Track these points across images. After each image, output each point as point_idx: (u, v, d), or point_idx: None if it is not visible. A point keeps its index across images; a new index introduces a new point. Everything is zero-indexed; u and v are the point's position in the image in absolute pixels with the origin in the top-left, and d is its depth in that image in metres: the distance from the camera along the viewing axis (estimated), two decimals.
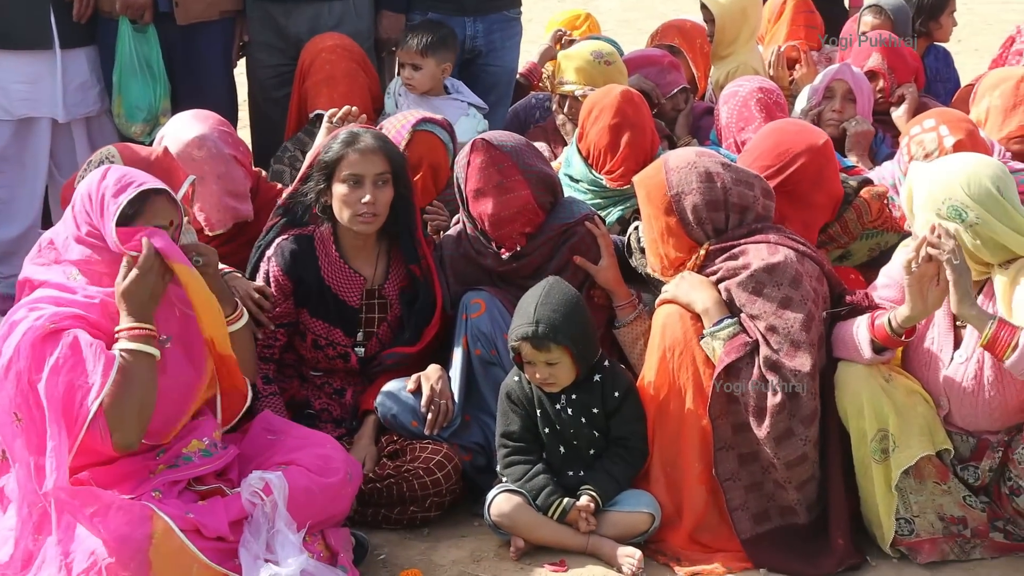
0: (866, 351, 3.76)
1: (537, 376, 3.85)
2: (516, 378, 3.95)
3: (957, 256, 3.55)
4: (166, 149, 4.23)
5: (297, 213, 4.30)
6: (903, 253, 3.78)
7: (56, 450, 3.37)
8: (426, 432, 4.11)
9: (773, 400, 3.72)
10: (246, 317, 3.86)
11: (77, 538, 3.38)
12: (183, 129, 4.53)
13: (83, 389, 3.40)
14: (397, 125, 4.74)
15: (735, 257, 3.89)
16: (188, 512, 3.48)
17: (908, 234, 4.36)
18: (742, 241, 3.91)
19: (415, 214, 4.31)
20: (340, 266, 4.26)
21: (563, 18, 6.80)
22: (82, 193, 3.62)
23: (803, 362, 3.72)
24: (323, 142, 4.33)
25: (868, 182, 4.61)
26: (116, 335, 3.48)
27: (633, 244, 4.43)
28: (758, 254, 3.85)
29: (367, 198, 4.10)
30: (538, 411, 3.92)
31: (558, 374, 3.85)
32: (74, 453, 3.40)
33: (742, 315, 3.83)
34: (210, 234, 4.56)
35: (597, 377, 3.91)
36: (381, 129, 4.71)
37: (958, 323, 3.76)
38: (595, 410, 3.90)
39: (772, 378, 3.73)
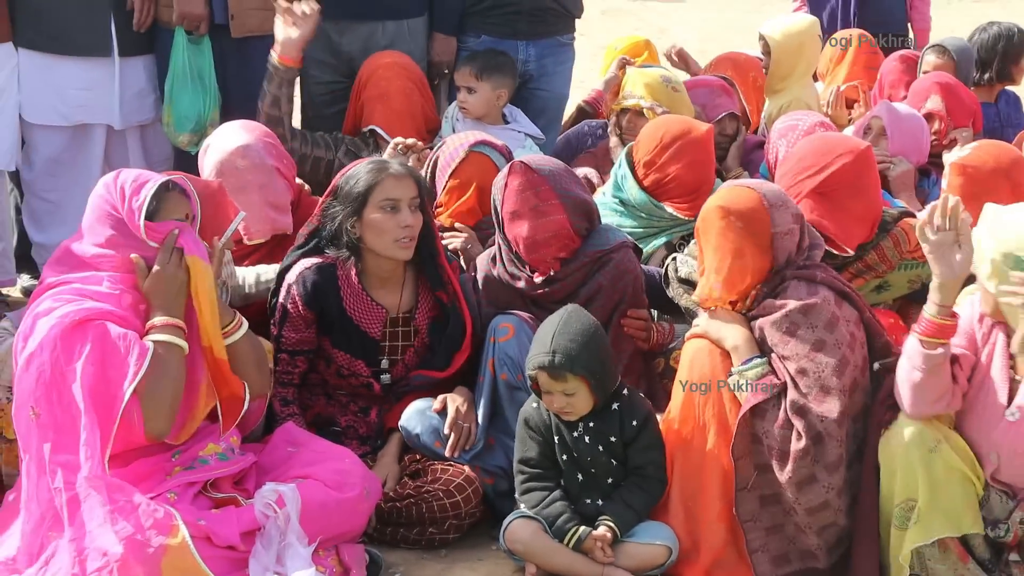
0: (918, 357, 3.58)
1: (555, 405, 3.84)
2: (535, 405, 3.95)
3: None
4: (221, 184, 4.28)
5: (323, 239, 4.27)
6: (967, 303, 3.70)
7: (89, 441, 3.44)
8: (447, 454, 4.11)
9: (797, 445, 3.68)
10: (245, 327, 3.87)
11: (90, 535, 3.41)
12: (228, 138, 4.60)
13: (116, 378, 3.47)
14: (456, 143, 4.79)
15: (774, 296, 3.85)
16: (200, 519, 3.51)
17: None
18: (786, 281, 3.86)
19: (438, 240, 4.31)
20: (362, 298, 4.25)
21: (624, 44, 6.80)
22: (100, 194, 3.70)
23: (831, 408, 3.67)
24: (344, 172, 4.30)
25: (910, 214, 4.54)
26: (148, 329, 3.57)
27: (671, 275, 4.41)
28: (796, 293, 3.81)
29: (408, 221, 4.11)
30: (556, 438, 3.91)
31: (575, 403, 3.84)
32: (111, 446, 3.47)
33: (772, 355, 3.78)
34: (249, 243, 4.61)
35: (615, 406, 3.89)
36: (442, 145, 4.83)
37: (1015, 376, 3.64)
38: (612, 439, 3.89)
39: (798, 423, 3.68)
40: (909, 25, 7.45)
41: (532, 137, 5.56)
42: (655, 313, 4.58)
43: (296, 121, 6.01)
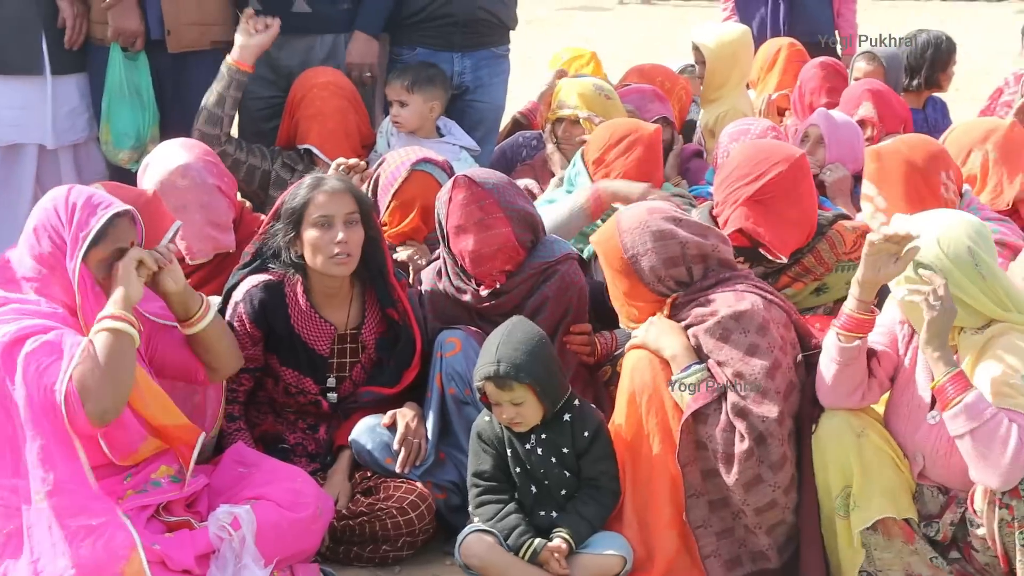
0: (834, 349, 3.71)
1: (504, 416, 3.86)
2: (487, 418, 3.96)
3: (937, 297, 3.51)
4: (156, 193, 4.24)
5: (266, 257, 4.26)
6: (892, 305, 3.79)
7: (43, 449, 3.41)
8: (398, 470, 4.11)
9: (741, 447, 3.73)
10: (214, 310, 3.86)
11: (44, 558, 3.38)
12: (168, 157, 4.56)
13: (54, 373, 3.41)
14: (397, 161, 4.78)
15: (703, 304, 3.89)
16: (155, 544, 3.48)
17: None
18: (709, 292, 3.92)
19: (386, 256, 4.29)
20: (310, 315, 4.23)
21: (568, 56, 6.84)
22: (47, 210, 3.63)
23: (770, 409, 3.73)
24: (288, 191, 4.29)
25: (845, 216, 4.65)
26: (97, 321, 3.50)
27: None
28: (725, 301, 3.86)
29: (340, 236, 4.08)
30: (508, 451, 3.92)
31: (524, 413, 3.86)
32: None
33: (710, 361, 3.83)
34: (191, 263, 4.56)
35: (567, 417, 3.91)
36: (383, 163, 4.80)
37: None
38: (565, 450, 3.91)
39: (740, 424, 3.74)
40: (836, 31, 7.57)
41: (467, 149, 5.57)
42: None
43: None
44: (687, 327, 3.90)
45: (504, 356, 3.80)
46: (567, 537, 3.83)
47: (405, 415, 4.18)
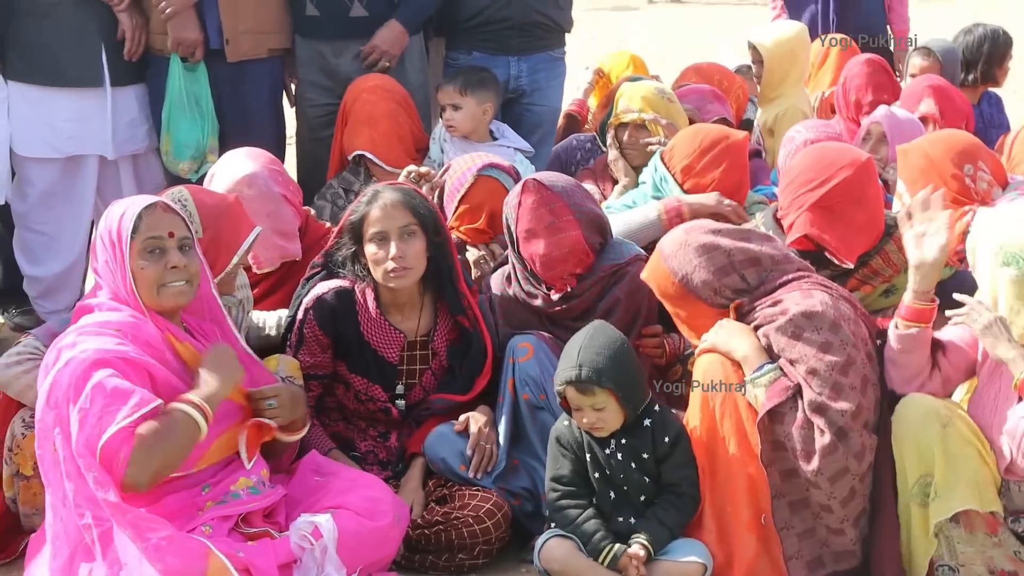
0: (894, 337, 3.80)
1: (585, 421, 3.86)
2: (566, 423, 3.96)
3: (989, 323, 3.61)
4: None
5: (334, 268, 4.31)
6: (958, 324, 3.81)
7: (99, 483, 3.41)
8: (471, 475, 4.12)
9: (822, 441, 3.72)
10: (304, 431, 3.89)
11: (127, 568, 3.39)
12: (234, 167, 4.59)
13: (109, 420, 3.41)
14: (463, 167, 4.80)
15: (772, 304, 3.89)
16: (239, 551, 3.48)
17: (956, 268, 4.45)
18: (775, 294, 3.91)
19: (455, 263, 4.29)
20: (380, 323, 4.25)
21: (612, 62, 6.81)
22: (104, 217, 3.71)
23: (847, 404, 3.73)
24: (353, 204, 4.30)
25: None
26: (179, 398, 3.52)
27: None
28: (793, 300, 3.86)
29: (394, 251, 4.10)
30: (588, 456, 3.91)
31: (606, 419, 3.85)
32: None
33: (782, 360, 3.82)
34: (258, 272, 4.59)
35: (647, 422, 3.91)
36: (448, 169, 4.83)
37: None
38: (645, 455, 3.90)
39: (818, 420, 3.73)
40: (888, 27, 7.52)
41: (521, 151, 5.55)
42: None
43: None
44: (756, 328, 3.90)
45: (586, 360, 3.80)
46: (646, 543, 3.82)
47: (477, 420, 4.19)
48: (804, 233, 4.31)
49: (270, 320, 4.49)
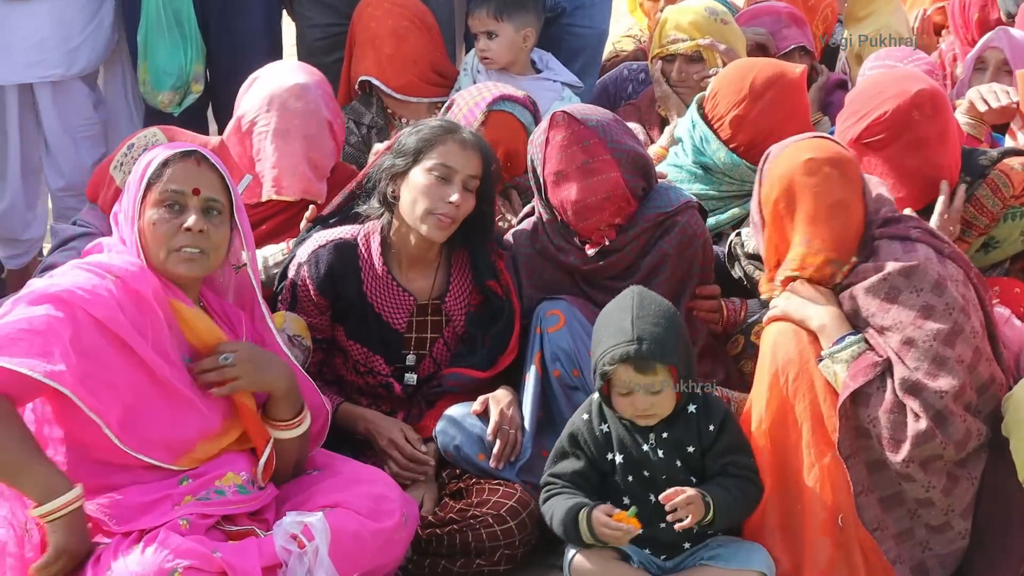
0: None
1: (637, 406, 3.64)
2: (585, 416, 3.77)
3: None
4: (223, 142, 4.23)
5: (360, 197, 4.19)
6: None
7: None
8: (492, 466, 3.99)
9: (916, 427, 3.56)
10: (304, 427, 3.65)
11: None
12: (286, 74, 4.54)
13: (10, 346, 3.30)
14: (471, 102, 4.64)
15: (865, 256, 3.76)
16: (216, 551, 3.34)
17: None
18: (877, 235, 3.79)
19: (493, 229, 4.20)
20: (387, 282, 4.12)
21: None
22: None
23: (948, 381, 3.57)
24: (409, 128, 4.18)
25: (1016, 152, 4.43)
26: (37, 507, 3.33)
27: (737, 251, 4.36)
28: (891, 253, 3.72)
29: (455, 197, 3.95)
30: (619, 456, 3.71)
31: (660, 402, 3.64)
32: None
33: (868, 330, 3.68)
34: (277, 198, 4.46)
35: (692, 408, 3.71)
36: (452, 104, 4.72)
37: None
38: (691, 449, 3.70)
39: (912, 403, 3.57)
40: None
41: (569, 86, 5.41)
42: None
43: None
44: (841, 288, 3.76)
45: (645, 333, 3.58)
46: (704, 492, 3.60)
47: (499, 400, 4.04)
48: None
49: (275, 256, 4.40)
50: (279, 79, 4.49)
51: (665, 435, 3.68)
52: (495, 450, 3.96)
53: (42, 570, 3.28)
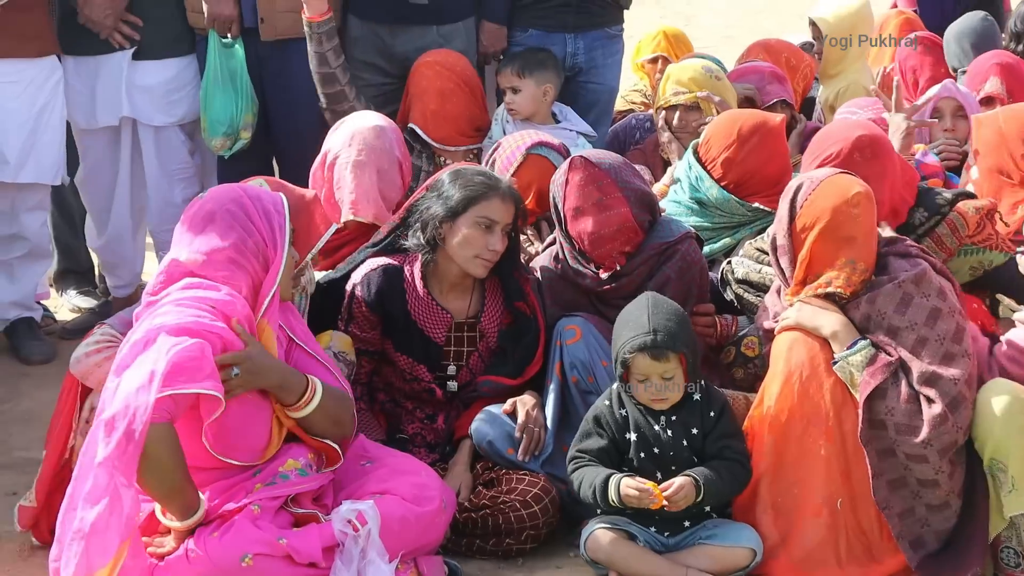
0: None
1: (652, 391, 3.93)
2: (607, 402, 4.04)
3: None
4: (316, 195, 4.48)
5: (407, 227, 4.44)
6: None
7: None
8: (519, 458, 4.24)
9: (933, 411, 3.79)
10: (317, 398, 3.84)
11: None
12: (367, 118, 5.03)
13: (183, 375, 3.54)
14: (512, 145, 4.96)
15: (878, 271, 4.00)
16: (281, 538, 3.64)
17: (1011, 254, 4.52)
18: (884, 251, 4.04)
19: (519, 258, 4.50)
20: (428, 302, 4.41)
21: (644, 42, 6.99)
22: (229, 209, 3.88)
23: (959, 371, 3.81)
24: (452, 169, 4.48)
25: (967, 195, 4.61)
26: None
27: (729, 277, 4.60)
28: (900, 267, 3.97)
29: (496, 246, 4.28)
30: (633, 435, 3.98)
31: (672, 389, 3.94)
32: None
33: (878, 335, 3.90)
34: (353, 218, 4.84)
35: (696, 396, 4.00)
36: (498, 147, 5.02)
37: None
38: (695, 430, 3.98)
39: (930, 391, 3.80)
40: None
41: (584, 135, 5.65)
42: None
43: None
44: (852, 297, 3.97)
45: (659, 325, 3.89)
46: (695, 476, 3.87)
47: (525, 403, 4.31)
48: None
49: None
50: (361, 121, 4.95)
51: (674, 418, 3.96)
52: (522, 445, 4.24)
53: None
